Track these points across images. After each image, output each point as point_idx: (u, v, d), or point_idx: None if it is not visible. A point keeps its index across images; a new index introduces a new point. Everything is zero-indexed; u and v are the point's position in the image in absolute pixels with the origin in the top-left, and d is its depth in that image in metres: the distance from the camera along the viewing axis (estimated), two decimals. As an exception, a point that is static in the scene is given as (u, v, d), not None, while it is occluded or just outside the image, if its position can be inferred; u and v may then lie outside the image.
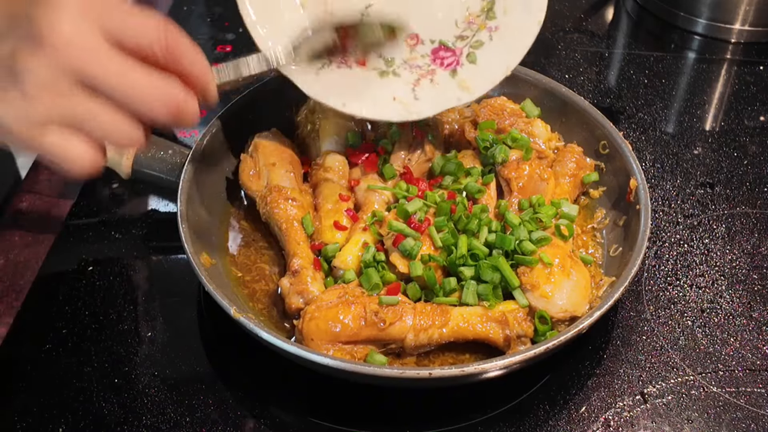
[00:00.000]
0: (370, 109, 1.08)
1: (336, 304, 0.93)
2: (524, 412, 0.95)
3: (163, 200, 1.21)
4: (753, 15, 1.57)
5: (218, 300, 0.92)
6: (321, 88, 1.07)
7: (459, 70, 1.11)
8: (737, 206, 1.24)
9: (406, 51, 1.11)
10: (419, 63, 1.11)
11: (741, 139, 1.37)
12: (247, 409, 0.95)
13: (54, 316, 1.04)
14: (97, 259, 1.12)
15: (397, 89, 1.10)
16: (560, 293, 0.96)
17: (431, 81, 1.10)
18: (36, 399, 0.95)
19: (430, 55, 1.11)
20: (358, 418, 0.95)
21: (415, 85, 1.10)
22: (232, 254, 1.09)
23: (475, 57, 1.11)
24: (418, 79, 1.10)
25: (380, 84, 1.10)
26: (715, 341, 1.04)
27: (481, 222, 1.02)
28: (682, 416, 0.95)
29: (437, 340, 0.95)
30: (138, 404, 0.95)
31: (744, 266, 1.14)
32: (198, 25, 1.60)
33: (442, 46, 1.11)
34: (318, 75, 1.07)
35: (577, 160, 1.14)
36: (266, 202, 1.07)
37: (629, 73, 1.53)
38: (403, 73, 1.10)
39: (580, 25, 1.66)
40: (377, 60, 1.10)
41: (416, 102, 1.09)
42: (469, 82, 1.10)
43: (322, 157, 1.13)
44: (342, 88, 1.08)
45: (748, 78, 1.52)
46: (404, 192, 1.07)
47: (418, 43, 1.11)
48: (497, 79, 1.11)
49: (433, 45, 1.11)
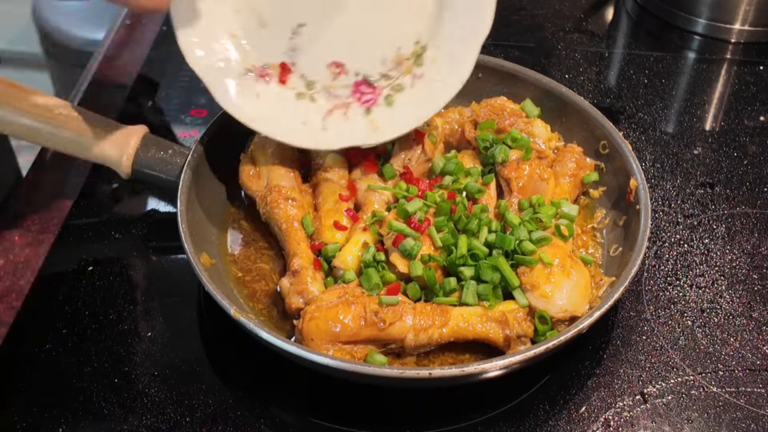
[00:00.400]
0: (276, 130, 1.07)
1: (336, 304, 0.93)
2: (524, 412, 0.95)
3: (163, 200, 1.21)
4: (753, 15, 1.57)
5: (218, 300, 0.92)
6: (234, 99, 1.06)
7: (374, 109, 1.09)
8: (737, 206, 1.24)
9: (329, 77, 1.10)
10: (339, 92, 1.09)
11: (741, 139, 1.37)
12: (247, 409, 0.95)
13: (54, 316, 1.04)
14: (97, 259, 1.12)
15: (308, 115, 1.08)
16: (560, 293, 0.96)
17: (344, 114, 1.09)
18: (36, 399, 0.95)
19: (351, 87, 1.10)
20: (358, 418, 0.95)
21: (327, 114, 1.09)
22: (232, 254, 1.09)
23: (393, 100, 1.09)
24: (332, 109, 1.09)
25: (294, 106, 1.09)
26: (715, 341, 1.04)
27: (481, 222, 1.02)
28: (682, 416, 0.95)
29: (437, 340, 0.95)
30: (138, 404, 0.95)
31: (744, 266, 1.14)
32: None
33: (365, 82, 1.09)
34: (237, 83, 1.06)
35: (577, 160, 1.14)
36: (266, 202, 1.07)
37: (629, 73, 1.53)
38: (319, 99, 1.09)
39: (580, 25, 1.66)
40: (298, 80, 1.09)
41: (323, 132, 1.08)
42: (379, 123, 1.08)
43: (322, 157, 1.13)
44: (256, 102, 1.07)
45: (748, 78, 1.52)
46: (404, 192, 1.07)
47: (342, 73, 1.09)
48: (406, 129, 1.08)
49: (357, 78, 1.09)
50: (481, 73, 1.27)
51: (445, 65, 1.07)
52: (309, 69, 1.09)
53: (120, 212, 1.21)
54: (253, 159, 1.12)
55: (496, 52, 1.48)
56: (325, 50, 1.09)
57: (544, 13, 1.68)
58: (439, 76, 1.08)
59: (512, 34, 1.60)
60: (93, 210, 1.20)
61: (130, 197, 1.22)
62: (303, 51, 1.09)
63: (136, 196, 1.22)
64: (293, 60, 1.09)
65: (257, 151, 1.12)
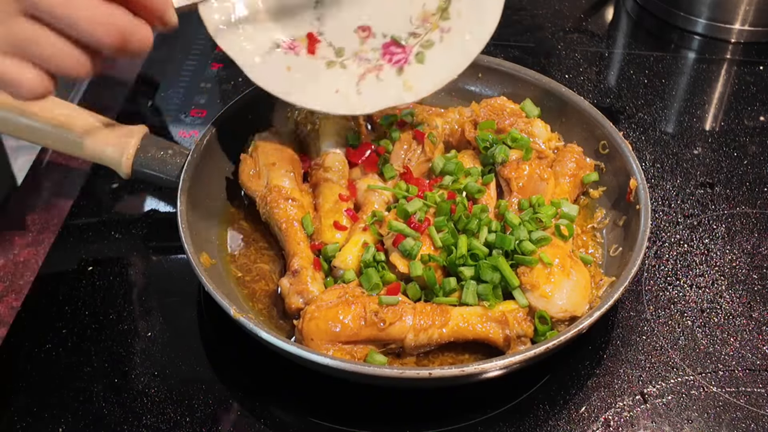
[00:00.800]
0: (311, 100, 1.08)
1: (336, 304, 0.93)
2: (524, 412, 0.95)
3: (163, 200, 1.21)
4: (753, 15, 1.57)
5: (218, 300, 0.92)
6: (265, 74, 1.06)
7: (406, 68, 1.10)
8: (737, 206, 1.24)
9: (357, 43, 1.10)
10: (369, 56, 1.10)
11: (741, 139, 1.37)
12: (247, 409, 0.95)
13: (54, 316, 1.04)
14: (97, 259, 1.12)
15: (341, 82, 1.09)
16: (560, 293, 0.96)
17: (377, 77, 1.09)
18: (36, 399, 0.95)
19: (381, 50, 1.10)
20: (358, 418, 0.95)
21: (360, 79, 1.09)
22: (232, 254, 1.09)
23: (423, 57, 1.10)
24: (364, 73, 1.09)
25: (326, 75, 1.09)
26: (715, 341, 1.04)
27: (481, 222, 1.02)
28: (682, 416, 0.95)
29: (437, 340, 0.95)
30: (138, 404, 0.95)
31: (744, 266, 1.14)
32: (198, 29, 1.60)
33: (394, 42, 1.10)
34: (264, 60, 1.06)
35: (577, 160, 1.14)
36: (266, 202, 1.07)
37: (629, 73, 1.53)
38: (350, 65, 1.10)
39: (580, 25, 1.66)
40: (327, 48, 1.10)
41: (358, 96, 1.09)
42: (413, 82, 1.09)
43: (322, 157, 1.13)
44: (288, 76, 1.07)
45: (748, 78, 1.52)
46: (404, 192, 1.07)
47: (369, 36, 1.09)
48: (441, 83, 1.10)
49: (385, 39, 1.10)
50: (481, 73, 1.27)
51: (471, 16, 1.09)
52: (336, 36, 1.10)
53: (120, 212, 1.21)
54: (253, 159, 1.12)
55: (496, 52, 1.47)
56: (351, 16, 1.09)
57: (544, 13, 1.68)
58: (467, 27, 1.09)
59: (512, 34, 1.60)
60: (93, 210, 1.20)
61: (130, 197, 1.22)
62: (329, 19, 1.09)
63: (136, 196, 1.22)
64: (320, 29, 1.09)
65: (257, 151, 1.12)
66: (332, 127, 1.15)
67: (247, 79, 1.06)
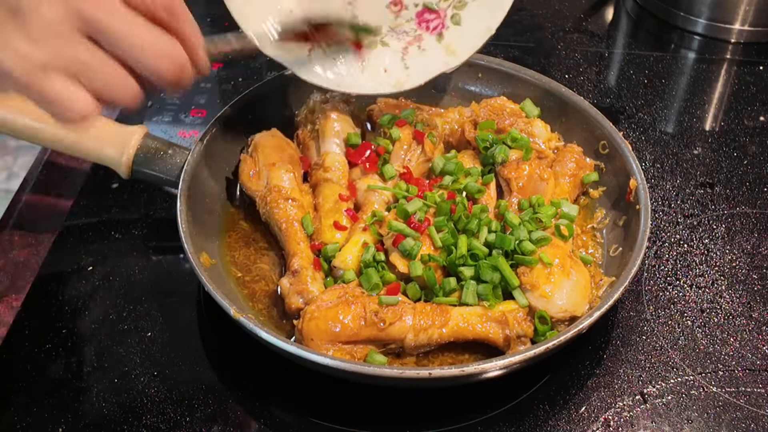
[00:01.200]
0: (365, 86, 1.08)
1: (336, 304, 0.93)
2: (524, 412, 0.95)
3: (163, 200, 1.21)
4: (753, 15, 1.57)
5: (218, 300, 0.92)
6: (316, 70, 1.07)
7: (445, 33, 1.10)
8: (737, 206, 1.24)
9: (391, 18, 1.11)
10: (406, 28, 1.11)
11: (741, 139, 1.37)
12: (247, 409, 0.95)
13: (54, 316, 1.04)
14: (97, 259, 1.12)
15: (387, 60, 1.10)
16: (560, 293, 0.96)
17: (419, 48, 1.10)
18: (36, 399, 0.95)
19: (416, 19, 1.11)
20: (358, 418, 0.95)
21: (404, 54, 1.10)
22: (232, 254, 1.09)
23: (459, 18, 1.10)
24: (406, 47, 1.10)
25: (370, 56, 1.10)
26: (715, 341, 1.04)
27: (480, 222, 1.02)
28: (682, 416, 0.95)
29: (437, 340, 0.95)
30: (138, 404, 0.95)
31: (744, 266, 1.14)
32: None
33: (426, 9, 1.10)
34: (309, 57, 1.07)
35: (576, 160, 1.14)
36: (266, 202, 1.07)
37: (629, 73, 1.53)
38: (391, 41, 1.10)
39: (580, 25, 1.66)
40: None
41: (406, 71, 1.09)
42: (455, 46, 1.10)
43: (322, 157, 1.13)
44: (335, 66, 1.08)
45: (748, 78, 1.52)
46: (404, 192, 1.07)
47: (402, 9, 1.10)
48: (480, 42, 1.11)
49: (417, 8, 1.11)
50: (481, 73, 1.27)
51: None
52: (370, 16, 1.10)
53: (120, 212, 1.20)
54: (253, 159, 1.12)
55: (496, 52, 1.48)
56: None
57: (544, 13, 1.68)
58: None
59: (512, 34, 1.59)
60: (93, 210, 1.20)
61: (130, 197, 1.22)
62: (360, 2, 1.10)
63: (136, 196, 1.22)
64: (353, 13, 1.10)
65: (257, 151, 1.12)
66: (332, 127, 1.15)
67: (247, 79, 1.07)
